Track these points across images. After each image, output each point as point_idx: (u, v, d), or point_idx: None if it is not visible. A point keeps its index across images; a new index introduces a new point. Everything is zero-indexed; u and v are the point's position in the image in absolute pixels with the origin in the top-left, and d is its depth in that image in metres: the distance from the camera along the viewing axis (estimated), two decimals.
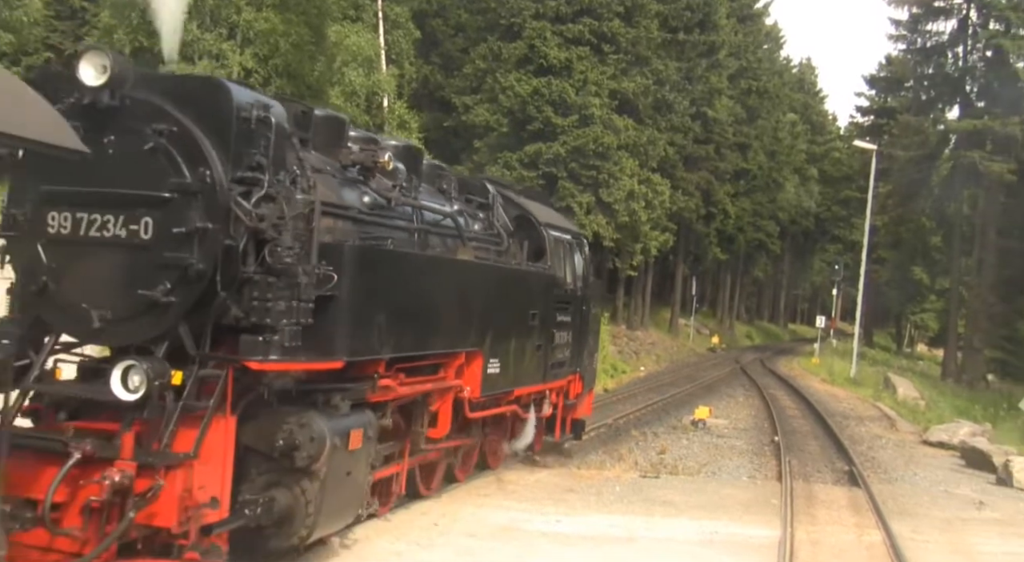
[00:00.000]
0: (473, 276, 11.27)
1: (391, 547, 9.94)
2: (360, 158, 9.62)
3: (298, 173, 8.27)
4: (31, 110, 5.61)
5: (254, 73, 28.26)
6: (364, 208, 9.48)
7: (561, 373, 14.60)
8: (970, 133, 47.63)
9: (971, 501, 15.38)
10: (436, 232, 10.99)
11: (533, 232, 13.75)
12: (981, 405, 36.35)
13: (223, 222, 7.52)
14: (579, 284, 15.27)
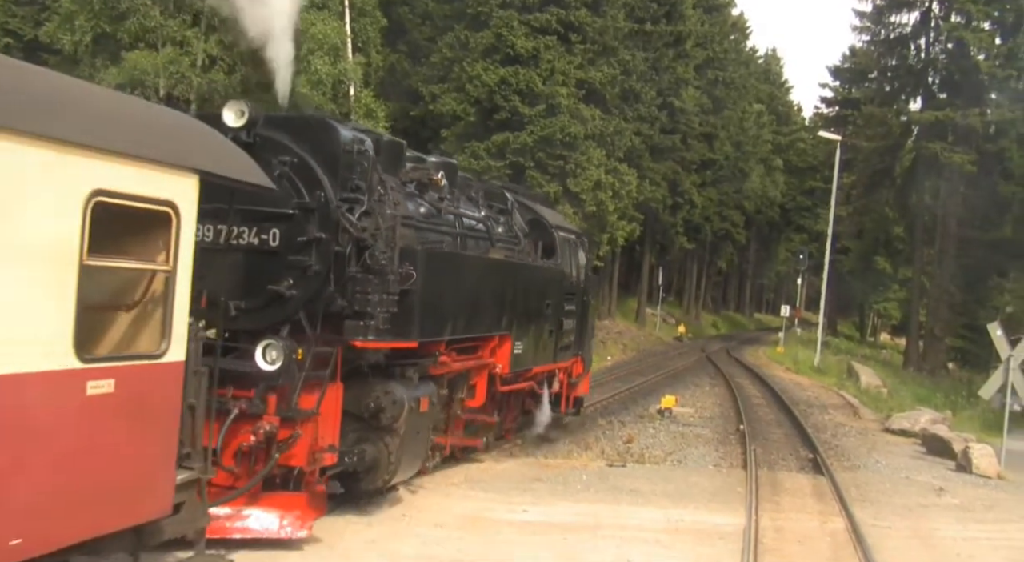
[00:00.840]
0: (504, 272, 13.59)
1: (360, 536, 9.96)
2: (418, 176, 11.72)
3: (383, 192, 10.31)
4: (239, 158, 7.46)
5: (219, 60, 27.98)
6: (421, 217, 11.51)
7: (567, 355, 16.86)
8: (932, 124, 48.17)
9: (931, 487, 15.62)
10: (472, 236, 12.96)
11: (545, 233, 16.03)
12: (942, 393, 36.86)
13: (334, 233, 9.67)
14: (581, 277, 17.60)
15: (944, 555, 11.33)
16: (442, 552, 9.74)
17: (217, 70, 27.91)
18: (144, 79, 26.52)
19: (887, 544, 11.36)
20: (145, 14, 27.10)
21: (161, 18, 27.40)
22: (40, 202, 5.44)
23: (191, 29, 27.74)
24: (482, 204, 14.07)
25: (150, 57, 26.91)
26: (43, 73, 6.51)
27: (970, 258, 50.39)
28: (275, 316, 9.69)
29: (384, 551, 9.58)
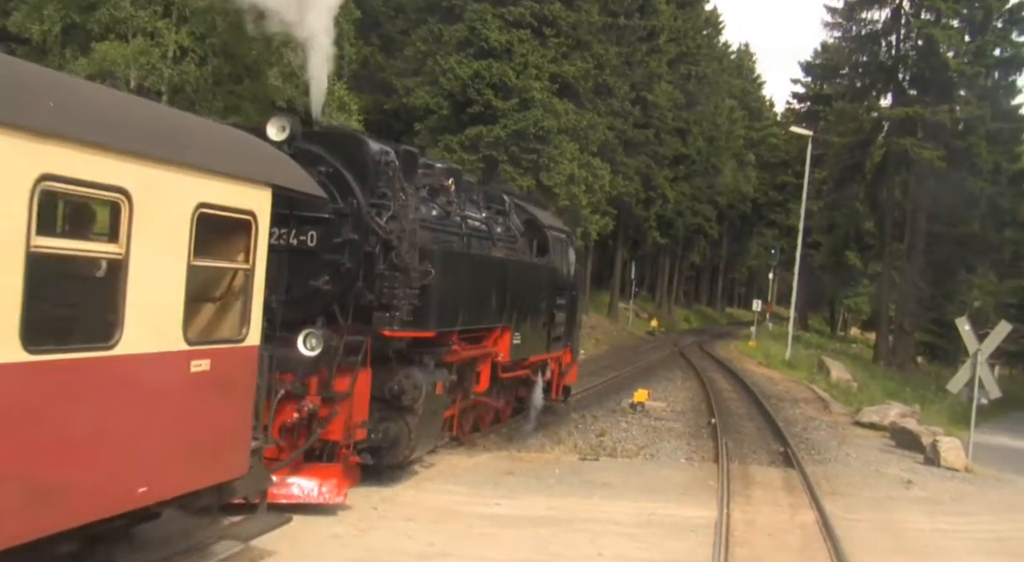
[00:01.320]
0: (505, 269, 14.91)
1: (330, 530, 9.90)
2: (430, 182, 12.92)
3: (404, 198, 11.50)
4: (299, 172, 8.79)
5: (191, 52, 27.72)
6: (434, 220, 12.75)
7: (559, 345, 18.40)
8: (902, 120, 48.64)
9: (900, 480, 15.77)
10: (476, 236, 14.16)
11: (539, 233, 17.30)
12: (911, 387, 37.29)
13: (364, 235, 10.97)
14: (571, 273, 19.25)
15: (913, 547, 11.43)
16: (412, 546, 9.70)
17: (188, 61, 27.64)
18: (114, 70, 26.25)
19: (856, 536, 11.45)
20: (115, 4, 26.82)
21: (132, 8, 27.09)
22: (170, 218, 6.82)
23: (162, 20, 27.44)
24: (483, 206, 15.31)
25: (120, 48, 26.62)
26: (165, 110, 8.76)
27: (939, 253, 50.96)
28: (312, 309, 10.81)
29: (353, 546, 9.53)
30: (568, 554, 9.90)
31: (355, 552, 9.34)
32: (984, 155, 47.99)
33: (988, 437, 25.27)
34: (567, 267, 18.81)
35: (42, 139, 5.60)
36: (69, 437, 6.08)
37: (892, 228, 52.05)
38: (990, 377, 18.85)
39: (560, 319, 18.17)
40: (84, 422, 6.21)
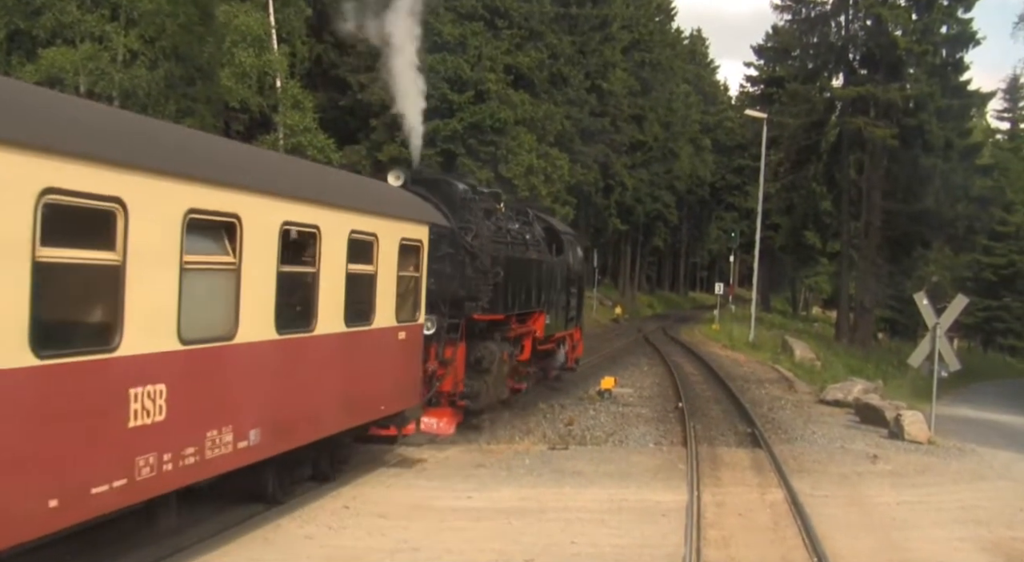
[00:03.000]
0: (540, 268, 19.16)
1: (301, 531, 9.88)
2: (487, 205, 16.69)
3: (480, 222, 15.71)
4: (436, 211, 14.20)
5: (141, 55, 27.41)
6: (493, 234, 16.33)
7: (572, 324, 23.02)
8: (854, 100, 49.12)
9: (866, 455, 16.00)
10: (517, 243, 17.84)
11: (556, 237, 21.53)
12: (873, 363, 37.72)
13: (457, 249, 15.00)
14: (578, 267, 23.81)
15: (880, 520, 11.61)
16: (385, 542, 9.70)
17: (139, 65, 27.33)
18: (63, 77, 25.89)
19: (825, 512, 11.61)
20: (61, 9, 26.50)
21: (78, 13, 26.75)
22: (394, 252, 11.93)
23: (110, 23, 27.10)
24: (515, 219, 18.88)
25: (68, 53, 26.28)
26: (349, 177, 13.62)
27: (895, 230, 51.56)
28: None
29: (326, 545, 9.52)
30: (541, 544, 9.94)
31: (328, 551, 9.33)
32: (935, 132, 48.52)
33: (950, 409, 25.65)
34: (577, 262, 23.57)
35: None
36: (360, 372, 11.31)
37: (849, 207, 52.54)
38: (949, 350, 19.13)
39: (573, 304, 22.97)
40: (363, 363, 11.37)
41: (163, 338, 7.39)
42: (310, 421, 10.08)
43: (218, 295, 8.29)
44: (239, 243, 8.25)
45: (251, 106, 31.81)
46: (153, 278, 7.20)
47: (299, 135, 33.64)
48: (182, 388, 7.64)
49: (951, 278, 66.96)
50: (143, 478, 7.22)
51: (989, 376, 47.74)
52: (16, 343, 5.89)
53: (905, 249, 54.85)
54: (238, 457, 8.55)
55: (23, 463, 6.11)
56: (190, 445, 7.81)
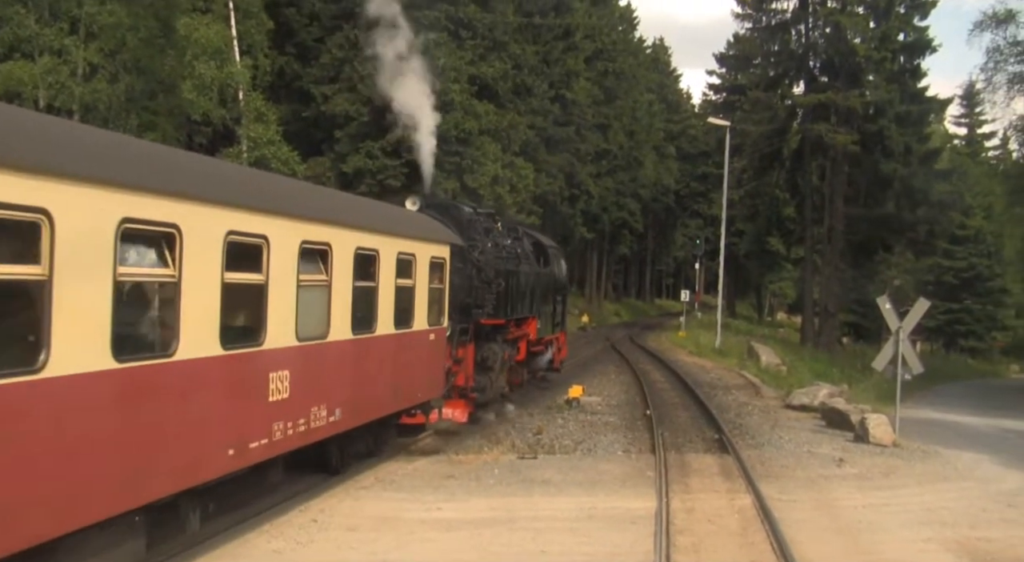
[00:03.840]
0: (532, 278, 21.46)
1: (269, 546, 9.81)
2: (487, 224, 19.01)
3: (483, 239, 18.07)
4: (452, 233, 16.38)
5: (101, 69, 27.16)
6: (493, 250, 18.46)
7: (558, 329, 25.78)
8: (815, 106, 49.61)
9: (832, 459, 16.12)
10: (512, 257, 19.98)
11: (543, 251, 24.03)
12: (838, 367, 38.08)
13: (467, 264, 17.02)
14: (563, 277, 26.55)
15: (847, 523, 11.71)
16: (355, 556, 9.66)
17: (99, 78, 27.07)
18: (21, 90, 25.60)
19: (793, 517, 11.69)
20: (19, 23, 26.23)
21: (37, 26, 26.47)
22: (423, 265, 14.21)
23: (69, 37, 26.83)
24: (508, 235, 20.69)
25: (27, 67, 25.99)
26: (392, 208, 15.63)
27: (858, 235, 52.10)
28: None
29: (293, 560, 9.45)
30: (511, 553, 9.94)
31: None
32: (895, 137, 49.09)
33: (913, 411, 25.93)
34: (561, 273, 26.21)
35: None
36: (404, 366, 13.64)
37: (812, 212, 52.98)
38: (912, 353, 19.34)
39: (559, 310, 25.73)
40: (406, 359, 13.75)
41: (288, 337, 9.95)
42: (372, 403, 12.72)
43: (318, 306, 10.78)
44: (330, 265, 10.96)
45: (213, 119, 31.63)
46: (286, 292, 9.84)
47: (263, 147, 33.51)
48: (298, 374, 10.11)
49: (913, 282, 67.70)
50: (275, 440, 9.75)
51: (951, 378, 48.28)
52: (212, 339, 8.40)
53: (867, 253, 55.43)
54: (329, 428, 11.09)
55: (214, 423, 8.64)
56: (302, 417, 10.36)
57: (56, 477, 6.52)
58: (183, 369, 7.97)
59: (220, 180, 9.40)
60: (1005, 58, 41.73)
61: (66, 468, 6.60)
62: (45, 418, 6.37)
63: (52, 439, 6.46)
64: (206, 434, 8.48)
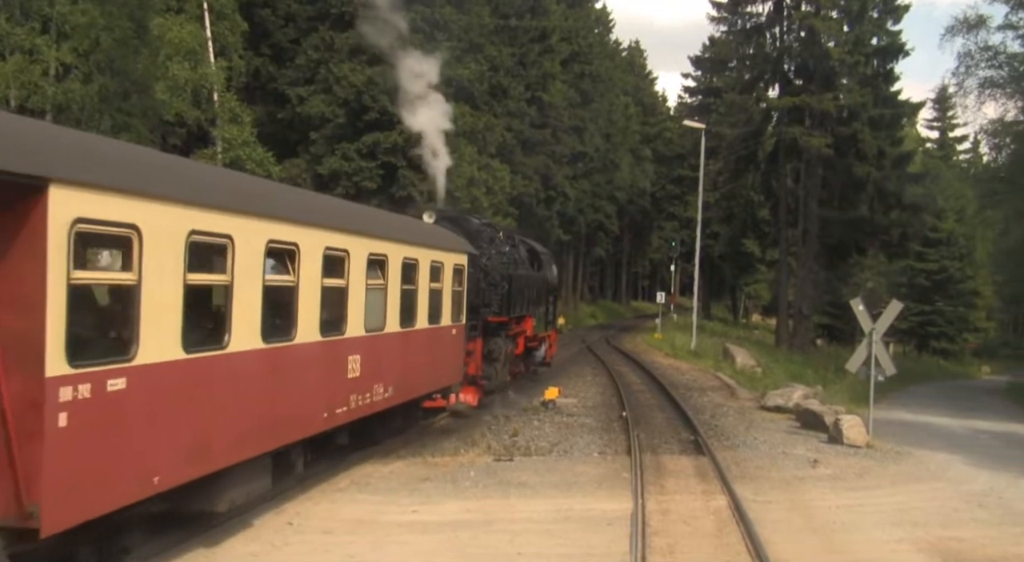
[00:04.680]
0: (528, 280, 23.72)
1: (245, 549, 9.76)
2: (490, 233, 21.30)
3: (490, 247, 20.45)
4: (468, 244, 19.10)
5: (74, 69, 26.91)
6: (496, 256, 20.81)
7: (550, 327, 28.35)
8: (790, 110, 49.94)
9: (806, 460, 16.23)
10: (511, 262, 21.91)
11: (536, 256, 26.02)
12: (812, 368, 38.27)
13: (476, 268, 19.23)
14: (553, 280, 28.81)
15: (821, 524, 11.79)
16: (330, 559, 9.63)
17: (72, 79, 26.82)
18: None
19: (768, 517, 11.76)
20: None
21: (7, 25, 26.17)
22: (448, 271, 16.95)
23: (41, 36, 26.55)
24: (506, 242, 22.61)
25: None
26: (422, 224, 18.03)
27: (831, 237, 52.47)
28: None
29: None
30: (487, 555, 9.94)
31: None
32: (868, 141, 49.49)
33: (887, 412, 26.15)
34: (552, 276, 28.66)
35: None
36: (435, 354, 16.36)
37: (786, 215, 53.28)
38: (885, 355, 19.50)
39: (551, 310, 28.09)
40: (436, 349, 16.30)
41: (360, 329, 12.57)
42: (414, 383, 15.40)
43: (378, 304, 13.42)
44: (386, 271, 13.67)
45: (188, 120, 31.44)
46: (359, 293, 12.50)
47: (237, 149, 33.34)
48: (366, 358, 12.77)
49: (886, 284, 68.29)
50: (352, 408, 12.42)
51: (924, 379, 48.73)
52: (315, 329, 11.12)
53: (841, 256, 55.86)
54: (384, 402, 13.75)
55: (316, 392, 11.35)
56: (368, 391, 13.00)
57: (234, 421, 9.39)
58: (300, 351, 10.78)
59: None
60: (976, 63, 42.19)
61: (239, 415, 9.46)
62: (226, 379, 9.23)
63: (231, 394, 9.32)
64: (312, 400, 11.32)
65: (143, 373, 7.70)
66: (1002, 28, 41.88)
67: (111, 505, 7.54)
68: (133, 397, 7.59)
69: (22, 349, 6.59)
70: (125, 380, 7.49)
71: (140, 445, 7.79)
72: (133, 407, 7.63)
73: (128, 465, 7.68)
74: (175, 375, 8.22)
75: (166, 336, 8.08)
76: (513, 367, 23.16)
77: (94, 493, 7.30)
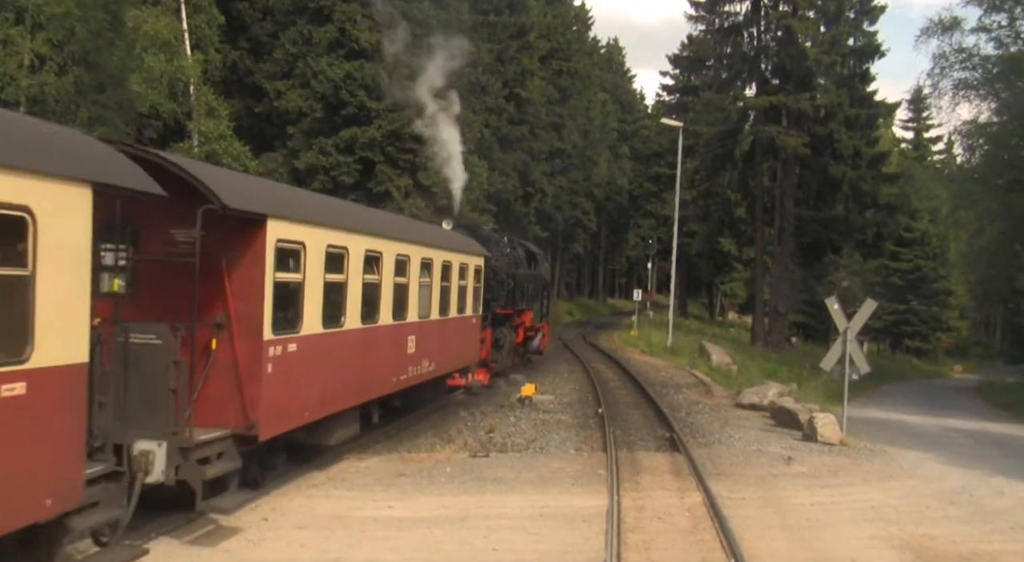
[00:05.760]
0: (527, 278, 27.55)
1: (220, 545, 9.71)
2: (496, 237, 25.03)
3: (497, 247, 24.53)
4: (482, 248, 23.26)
5: (49, 60, 26.65)
6: (502, 257, 24.53)
7: (544, 319, 31.98)
8: (767, 109, 50.13)
9: (781, 457, 16.33)
10: (511, 261, 25.73)
11: (532, 256, 29.46)
12: (787, 366, 38.49)
13: (488, 268, 22.85)
14: (546, 278, 32.67)
15: (795, 520, 11.87)
16: (306, 554, 9.60)
17: (47, 71, 26.57)
18: None
19: (742, 514, 11.82)
20: None
21: None
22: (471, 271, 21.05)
23: (15, 27, 26.28)
24: (508, 245, 26.44)
25: None
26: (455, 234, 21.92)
27: (807, 236, 52.76)
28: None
29: (243, 559, 9.37)
30: (462, 552, 9.94)
31: None
32: (844, 140, 49.77)
33: (860, 411, 26.35)
34: (545, 274, 32.58)
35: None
36: (461, 338, 20.32)
37: (763, 214, 53.49)
38: (859, 353, 19.62)
39: (544, 304, 32.28)
40: (462, 334, 20.29)
41: (415, 315, 16.30)
42: (447, 361, 19.23)
43: (425, 297, 17.07)
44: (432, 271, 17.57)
45: (164, 113, 31.21)
46: (415, 288, 16.16)
47: (213, 142, 33.12)
48: (418, 338, 16.50)
49: (861, 283, 68.76)
50: (409, 376, 16.16)
51: (897, 378, 49.15)
52: (389, 315, 14.77)
53: (817, 255, 56.19)
54: (428, 374, 17.51)
55: (389, 361, 15.07)
56: (418, 365, 16.70)
57: (343, 379, 13.12)
58: (381, 331, 14.56)
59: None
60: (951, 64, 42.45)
61: (346, 375, 13.20)
62: (342, 348, 12.93)
63: (343, 359, 13.05)
64: (386, 368, 15.04)
65: (304, 341, 11.55)
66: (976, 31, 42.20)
67: (290, 425, 11.46)
68: (299, 356, 11.39)
69: (249, 324, 10.41)
70: (296, 345, 11.29)
71: (301, 389, 11.62)
72: (298, 363, 11.42)
73: (296, 401, 11.53)
74: (318, 343, 12.00)
75: (314, 317, 11.85)
76: (514, 353, 27.75)
77: (283, 416, 11.20)
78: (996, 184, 43.48)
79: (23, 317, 6.82)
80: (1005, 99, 42.12)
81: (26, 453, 6.92)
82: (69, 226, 7.22)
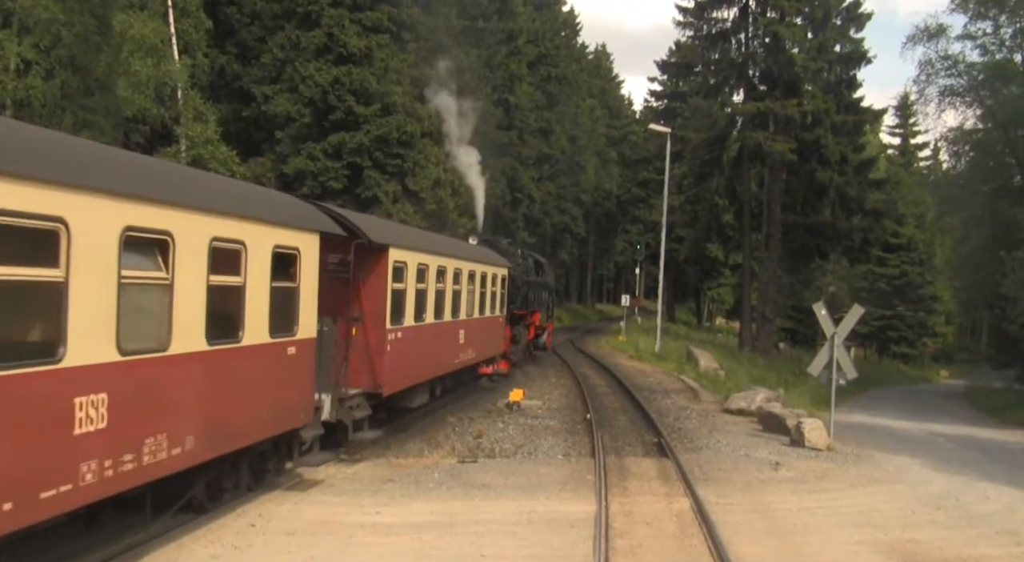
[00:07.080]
0: (537, 284, 32.74)
1: (207, 551, 9.67)
2: (513, 249, 30.63)
3: (513, 258, 29.58)
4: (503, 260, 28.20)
5: (35, 64, 26.53)
6: (516, 266, 29.47)
7: (550, 320, 36.26)
8: (755, 115, 50.31)
9: (768, 463, 16.36)
10: (523, 269, 30.35)
11: (540, 265, 33.58)
12: (775, 372, 38.61)
13: (511, 278, 28.51)
14: (552, 283, 37.08)
15: (783, 526, 11.89)
16: (293, 560, 9.57)
17: (34, 75, 26.45)
18: None
19: (730, 519, 11.84)
20: None
21: None
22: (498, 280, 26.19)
23: (1, 31, 26.16)
24: (520, 256, 30.75)
25: None
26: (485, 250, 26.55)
27: (794, 242, 52.93)
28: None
29: None
30: (450, 557, 9.93)
31: None
32: (831, 146, 49.96)
33: (847, 416, 26.45)
34: (552, 280, 37.15)
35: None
36: (488, 334, 24.62)
37: (750, 219, 53.65)
38: (847, 359, 19.69)
39: (550, 307, 36.16)
40: (488, 330, 24.48)
41: (463, 314, 20.98)
42: (482, 350, 23.66)
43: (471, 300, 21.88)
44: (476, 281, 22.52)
45: (150, 117, 31.10)
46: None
47: (201, 147, 33.03)
48: (466, 332, 21.29)
49: (848, 288, 69.00)
50: (460, 361, 21.23)
51: (884, 383, 49.34)
52: (450, 314, 19.79)
53: (804, 260, 56.37)
54: (471, 361, 22.37)
55: (448, 347, 20.15)
56: (465, 353, 21.55)
57: (425, 358, 18.13)
58: (447, 325, 19.37)
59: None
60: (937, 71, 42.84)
61: (426, 356, 18.19)
62: (426, 336, 17.96)
63: (426, 344, 18.10)
64: (448, 352, 19.94)
65: (406, 330, 16.50)
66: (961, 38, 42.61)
67: (399, 387, 16.48)
68: (404, 341, 16.30)
69: (376, 317, 15.31)
70: (402, 333, 16.23)
71: (405, 363, 16.56)
72: (404, 345, 16.28)
73: (402, 371, 16.47)
74: (412, 332, 16.94)
75: (410, 313, 16.77)
76: (527, 349, 32.91)
77: (396, 381, 16.21)
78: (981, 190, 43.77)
79: (294, 311, 11.67)
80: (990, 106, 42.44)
81: (297, 387, 11.99)
82: (312, 257, 12.22)
